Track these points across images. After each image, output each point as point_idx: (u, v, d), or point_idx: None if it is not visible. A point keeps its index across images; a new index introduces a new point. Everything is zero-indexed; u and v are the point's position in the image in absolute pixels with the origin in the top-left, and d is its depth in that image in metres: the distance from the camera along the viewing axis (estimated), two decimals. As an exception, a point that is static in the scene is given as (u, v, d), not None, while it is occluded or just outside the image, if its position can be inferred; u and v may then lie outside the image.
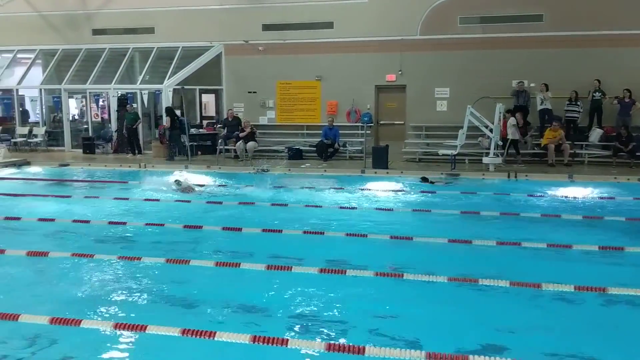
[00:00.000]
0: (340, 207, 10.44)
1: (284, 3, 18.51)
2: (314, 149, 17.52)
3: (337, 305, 5.74)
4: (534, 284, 6.03)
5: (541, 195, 11.71)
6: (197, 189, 12.38)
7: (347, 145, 17.64)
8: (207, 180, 13.72)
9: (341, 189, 12.58)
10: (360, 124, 17.71)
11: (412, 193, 12.20)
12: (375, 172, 14.64)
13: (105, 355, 4.68)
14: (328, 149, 17.09)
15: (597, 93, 15.92)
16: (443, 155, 15.75)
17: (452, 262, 7.21)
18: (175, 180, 12.50)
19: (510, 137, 15.75)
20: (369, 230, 8.56)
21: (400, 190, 12.47)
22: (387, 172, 14.61)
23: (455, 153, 15.16)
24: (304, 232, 8.44)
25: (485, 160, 14.97)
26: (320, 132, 17.65)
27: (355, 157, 17.51)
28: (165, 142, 18.02)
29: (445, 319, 5.43)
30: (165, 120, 17.71)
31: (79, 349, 4.75)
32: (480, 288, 6.10)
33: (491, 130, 14.83)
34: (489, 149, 15.10)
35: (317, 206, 10.58)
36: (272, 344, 4.53)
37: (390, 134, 17.82)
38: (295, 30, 18.45)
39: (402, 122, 18.19)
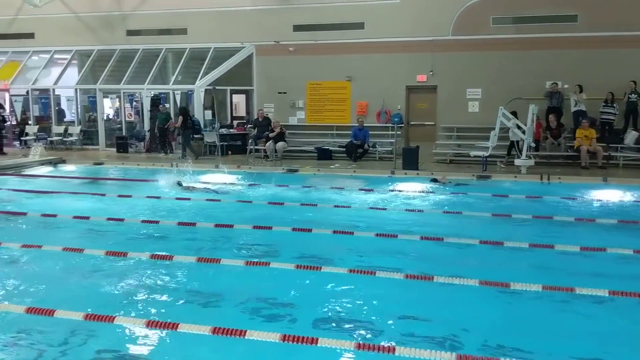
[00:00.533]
0: (370, 208, 10.42)
1: (315, 4, 18.55)
2: (344, 149, 17.51)
3: (367, 305, 5.73)
4: (567, 288, 5.93)
5: (575, 198, 11.50)
6: (197, 186, 12.71)
7: (376, 146, 17.59)
8: (213, 179, 13.92)
9: (370, 190, 12.56)
10: (390, 125, 17.65)
11: (443, 194, 12.11)
12: (406, 173, 14.56)
13: (137, 352, 4.76)
14: (357, 150, 17.07)
15: (632, 95, 15.59)
16: (474, 156, 15.60)
17: (484, 265, 7.14)
18: (178, 182, 12.79)
19: (512, 138, 15.56)
20: (399, 231, 8.52)
21: (430, 192, 12.39)
22: (418, 173, 14.52)
23: (487, 155, 15.00)
24: (334, 232, 8.44)
25: (517, 162, 14.76)
26: (350, 132, 17.65)
27: (385, 158, 17.46)
28: (174, 139, 18.29)
29: (475, 322, 5.38)
30: (178, 119, 17.96)
31: (112, 345, 4.85)
32: (512, 291, 6.01)
33: (524, 132, 14.63)
34: (521, 150, 14.89)
35: (346, 206, 10.58)
36: (302, 343, 4.54)
37: (420, 135, 17.72)
38: (326, 30, 18.48)
39: (433, 123, 18.07)
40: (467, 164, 16.07)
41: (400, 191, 12.42)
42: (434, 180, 13.52)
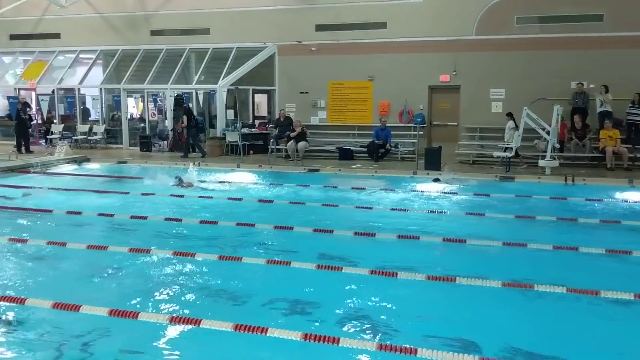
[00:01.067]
0: (392, 209, 10.38)
1: (337, 3, 18.55)
2: (365, 149, 17.48)
3: (388, 306, 5.72)
4: (592, 291, 5.85)
5: (600, 200, 11.34)
6: (195, 184, 12.97)
7: (398, 146, 17.52)
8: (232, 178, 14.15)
9: (392, 190, 12.51)
10: (412, 125, 17.57)
11: (466, 195, 12.03)
12: (428, 174, 14.48)
13: (160, 348, 4.80)
14: (379, 150, 17.02)
15: (660, 96, 15.30)
16: (497, 157, 15.45)
17: (507, 266, 7.08)
18: (177, 177, 13.11)
19: (511, 143, 15.43)
20: (421, 232, 8.48)
21: (453, 193, 12.31)
22: (440, 174, 14.42)
23: (511, 155, 14.85)
24: (355, 233, 8.43)
25: (541, 163, 14.59)
26: (372, 132, 17.60)
27: (406, 158, 17.38)
28: (183, 139, 18.57)
29: (499, 325, 5.33)
30: (183, 119, 18.19)
31: (135, 341, 4.90)
32: (536, 293, 5.95)
33: (548, 133, 14.46)
34: (545, 151, 14.72)
35: (367, 207, 10.56)
36: (324, 342, 4.54)
37: (443, 135, 17.60)
38: (349, 30, 18.46)
39: (456, 124, 17.95)
40: (490, 165, 15.94)
41: (422, 192, 12.36)
42: (436, 180, 13.56)
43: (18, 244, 7.81)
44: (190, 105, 19.28)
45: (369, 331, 5.10)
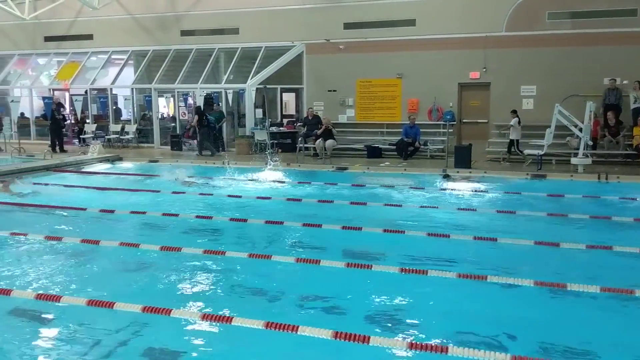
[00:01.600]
0: (421, 207, 10.33)
1: (365, 1, 18.51)
2: (394, 147, 17.41)
3: (419, 304, 5.71)
4: (626, 290, 5.75)
5: (634, 199, 11.11)
6: (194, 181, 13.50)
7: (427, 144, 17.42)
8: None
9: (421, 188, 12.45)
10: (442, 123, 17.44)
11: (496, 193, 11.91)
12: (458, 172, 14.36)
13: (193, 345, 4.87)
14: (408, 148, 16.94)
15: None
16: (529, 155, 15.25)
17: (539, 265, 7.00)
18: (175, 179, 13.57)
19: (511, 137, 15.95)
20: (451, 230, 8.43)
21: (483, 191, 12.19)
22: (470, 172, 14.31)
23: (542, 153, 14.63)
24: (384, 231, 8.40)
25: (574, 160, 14.35)
26: (400, 130, 17.53)
27: (436, 156, 17.28)
28: (192, 137, 19.09)
29: (530, 324, 5.28)
30: (194, 119, 18.55)
31: (168, 338, 4.97)
32: (568, 292, 5.87)
33: (581, 130, 14.21)
34: (577, 149, 14.48)
35: (396, 205, 10.52)
36: (354, 341, 4.55)
37: (473, 133, 17.44)
38: (377, 28, 18.41)
39: (486, 121, 17.76)
40: (521, 163, 15.73)
41: (452, 190, 12.28)
42: (446, 176, 13.62)
43: (53, 241, 7.98)
44: (220, 104, 19.46)
45: (399, 329, 5.10)
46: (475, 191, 12.18)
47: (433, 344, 4.45)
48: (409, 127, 17.14)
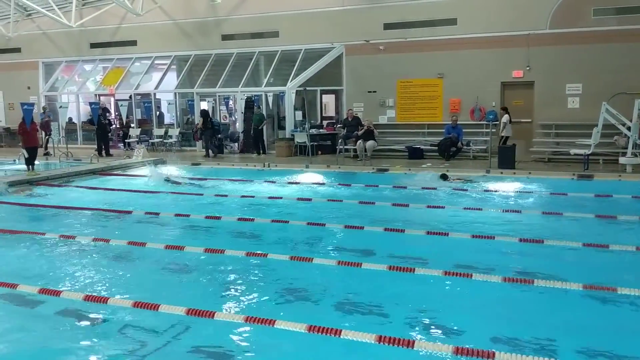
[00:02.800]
0: (465, 208, 10.17)
1: (405, 1, 18.37)
2: (436, 148, 17.22)
3: (463, 309, 5.60)
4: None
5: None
6: (181, 181, 14.04)
7: (470, 144, 17.17)
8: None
9: (464, 190, 12.26)
10: (484, 122, 17.16)
11: (542, 194, 11.65)
12: (501, 172, 14.11)
13: (236, 347, 4.90)
14: (450, 148, 16.73)
15: None
16: (575, 155, 14.87)
17: (587, 268, 6.80)
18: (165, 179, 14.07)
19: (504, 134, 15.91)
20: (496, 232, 8.28)
21: (528, 192, 11.94)
22: (514, 173, 14.03)
23: (589, 153, 14.26)
24: (427, 233, 8.32)
25: (622, 160, 13.93)
26: (442, 130, 17.33)
27: (479, 157, 17.02)
28: (198, 139, 19.94)
29: (579, 329, 5.13)
30: (199, 121, 19.26)
31: (211, 339, 5.01)
32: (618, 297, 5.68)
33: (629, 129, 13.77)
34: (625, 148, 14.04)
35: (439, 207, 10.39)
36: (398, 345, 4.50)
37: (516, 133, 17.09)
38: (417, 28, 18.24)
39: (530, 120, 17.39)
40: (567, 163, 15.36)
41: (496, 191, 12.06)
42: (444, 177, 13.43)
43: (101, 243, 8.16)
44: (260, 107, 19.61)
45: (444, 334, 5.01)
46: (520, 192, 11.94)
47: (479, 349, 4.35)
48: (452, 127, 16.93)
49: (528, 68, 17.05)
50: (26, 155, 14.52)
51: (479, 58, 17.50)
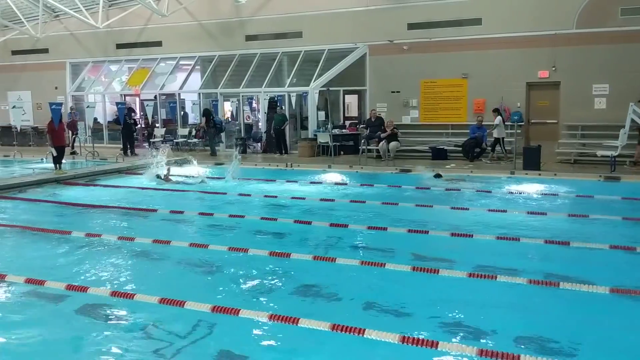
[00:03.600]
0: (489, 210, 10.08)
1: (430, 1, 18.29)
2: (459, 148, 17.10)
3: (488, 311, 5.56)
4: None
5: None
6: (173, 179, 14.28)
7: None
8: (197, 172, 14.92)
9: (489, 191, 12.16)
10: (509, 123, 17.00)
11: (567, 196, 11.50)
12: (526, 174, 13.97)
13: (259, 344, 4.93)
14: (475, 149, 16.60)
15: None
16: (602, 156, 14.65)
17: (614, 271, 6.69)
18: (157, 175, 14.22)
19: (495, 135, 16.29)
20: (521, 234, 8.19)
21: (553, 193, 11.79)
22: (539, 174, 13.88)
23: (616, 154, 14.04)
24: (451, 235, 8.26)
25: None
26: (466, 131, 17.21)
27: (504, 158, 16.85)
28: (201, 138, 20.30)
29: (605, 333, 5.05)
30: (202, 120, 19.58)
31: (236, 337, 5.05)
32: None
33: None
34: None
35: (464, 208, 10.32)
36: (422, 346, 4.49)
37: (542, 134, 16.92)
38: (442, 28, 18.15)
39: (556, 121, 17.18)
40: (593, 165, 15.14)
41: (520, 193, 11.94)
42: (438, 176, 13.77)
43: (126, 242, 8.26)
44: (283, 107, 19.67)
45: (468, 335, 4.97)
46: (546, 194, 11.81)
47: (504, 352, 4.31)
48: (477, 128, 16.79)
49: (554, 68, 16.85)
50: (54, 154, 14.75)
51: (504, 58, 17.34)
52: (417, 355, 4.52)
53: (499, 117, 16.41)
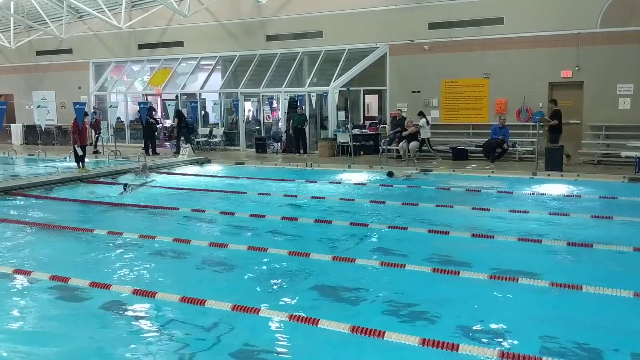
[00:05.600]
0: (511, 211, 9.98)
1: (450, 1, 18.17)
2: (481, 149, 16.97)
3: (509, 313, 5.51)
4: None
5: None
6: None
7: (516, 145, 16.85)
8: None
9: (510, 192, 12.04)
10: (531, 124, 16.83)
11: (591, 197, 11.34)
12: (549, 175, 13.81)
13: (278, 344, 4.94)
14: (496, 150, 16.46)
15: None
16: (626, 157, 14.43)
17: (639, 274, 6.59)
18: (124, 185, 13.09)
19: (422, 137, 16.97)
20: (543, 236, 8.11)
21: (576, 195, 11.65)
22: (562, 175, 13.71)
23: (640, 155, 13.82)
24: (472, 235, 8.21)
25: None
26: (487, 131, 17.06)
27: (525, 158, 16.69)
28: (174, 137, 20.60)
29: (628, 337, 4.98)
30: (174, 120, 20.09)
31: (255, 336, 5.07)
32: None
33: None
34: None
35: (485, 209, 10.23)
36: (442, 348, 4.47)
37: (565, 134, 16.67)
38: (463, 27, 18.03)
39: (579, 122, 16.96)
40: (617, 165, 14.92)
41: (543, 194, 11.81)
42: (390, 174, 14.06)
43: (147, 240, 8.34)
44: (303, 107, 19.68)
45: (489, 338, 4.94)
46: (569, 195, 11.67)
47: (526, 355, 4.27)
48: (498, 128, 16.65)
49: (577, 68, 16.63)
50: (80, 153, 14.94)
51: (526, 58, 17.17)
52: (438, 357, 4.49)
53: (423, 120, 17.14)
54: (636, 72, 15.94)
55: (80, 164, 15.10)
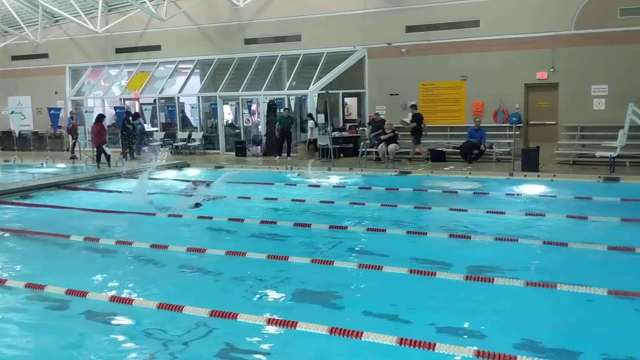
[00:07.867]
0: (488, 211, 10.08)
1: (428, 3, 18.33)
2: (458, 150, 17.11)
3: (484, 313, 5.56)
4: None
5: None
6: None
7: (493, 146, 17.03)
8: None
9: (487, 193, 12.16)
10: (508, 125, 17.02)
11: (566, 197, 11.49)
12: (525, 175, 13.98)
13: (258, 348, 4.93)
14: (473, 151, 16.61)
15: None
16: (601, 157, 14.66)
17: (613, 272, 6.68)
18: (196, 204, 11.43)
19: (309, 137, 18.02)
20: (519, 235, 8.20)
21: (552, 195, 11.80)
22: (538, 176, 13.89)
23: (615, 155, 14.04)
24: (450, 236, 8.27)
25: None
26: (464, 133, 17.22)
27: (502, 160, 16.87)
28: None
29: (602, 335, 5.05)
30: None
31: (233, 341, 5.04)
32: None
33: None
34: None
35: (462, 210, 10.31)
36: (419, 347, 4.50)
37: (541, 135, 16.95)
38: (440, 30, 18.20)
39: (554, 122, 17.20)
40: (592, 165, 15.14)
41: (519, 194, 11.95)
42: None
43: (124, 246, 8.26)
44: (290, 109, 19.63)
45: (465, 338, 4.98)
46: (544, 195, 11.81)
47: (500, 353, 4.31)
48: (474, 130, 16.80)
49: (552, 70, 16.87)
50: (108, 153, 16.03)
51: (502, 60, 17.39)
52: (415, 356, 4.52)
53: (310, 122, 18.25)
54: (610, 73, 16.21)
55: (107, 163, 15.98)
